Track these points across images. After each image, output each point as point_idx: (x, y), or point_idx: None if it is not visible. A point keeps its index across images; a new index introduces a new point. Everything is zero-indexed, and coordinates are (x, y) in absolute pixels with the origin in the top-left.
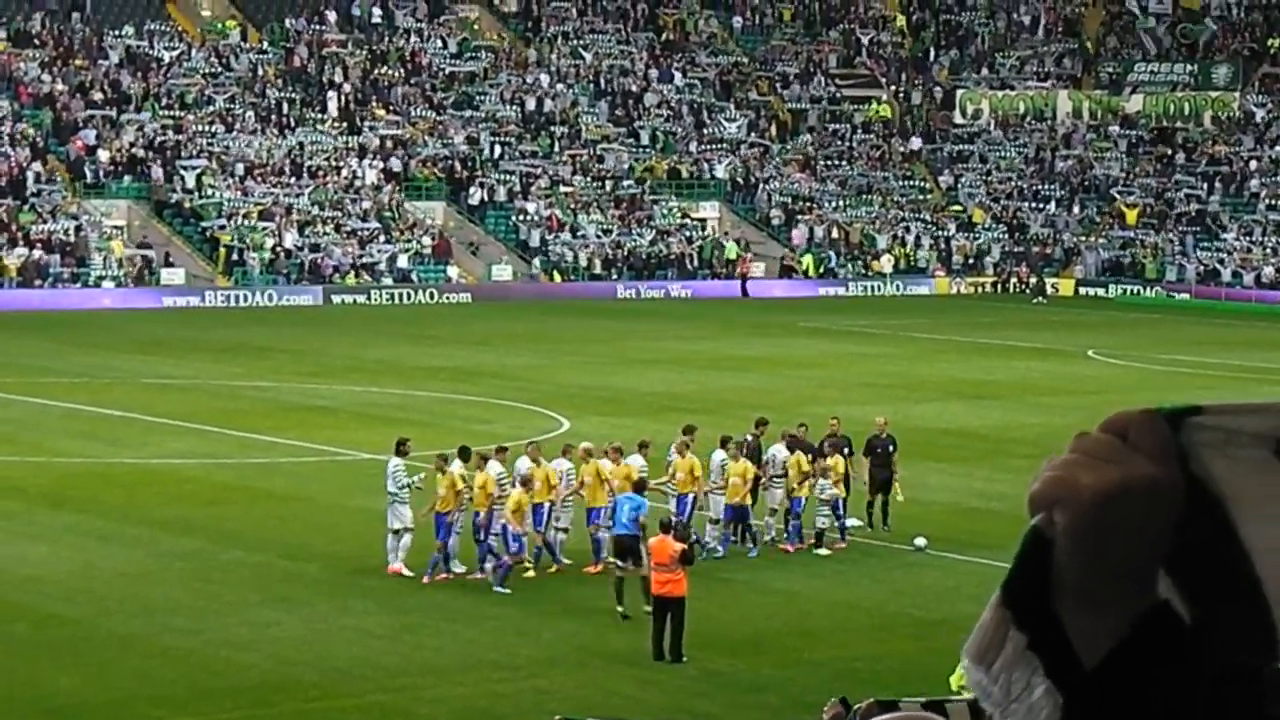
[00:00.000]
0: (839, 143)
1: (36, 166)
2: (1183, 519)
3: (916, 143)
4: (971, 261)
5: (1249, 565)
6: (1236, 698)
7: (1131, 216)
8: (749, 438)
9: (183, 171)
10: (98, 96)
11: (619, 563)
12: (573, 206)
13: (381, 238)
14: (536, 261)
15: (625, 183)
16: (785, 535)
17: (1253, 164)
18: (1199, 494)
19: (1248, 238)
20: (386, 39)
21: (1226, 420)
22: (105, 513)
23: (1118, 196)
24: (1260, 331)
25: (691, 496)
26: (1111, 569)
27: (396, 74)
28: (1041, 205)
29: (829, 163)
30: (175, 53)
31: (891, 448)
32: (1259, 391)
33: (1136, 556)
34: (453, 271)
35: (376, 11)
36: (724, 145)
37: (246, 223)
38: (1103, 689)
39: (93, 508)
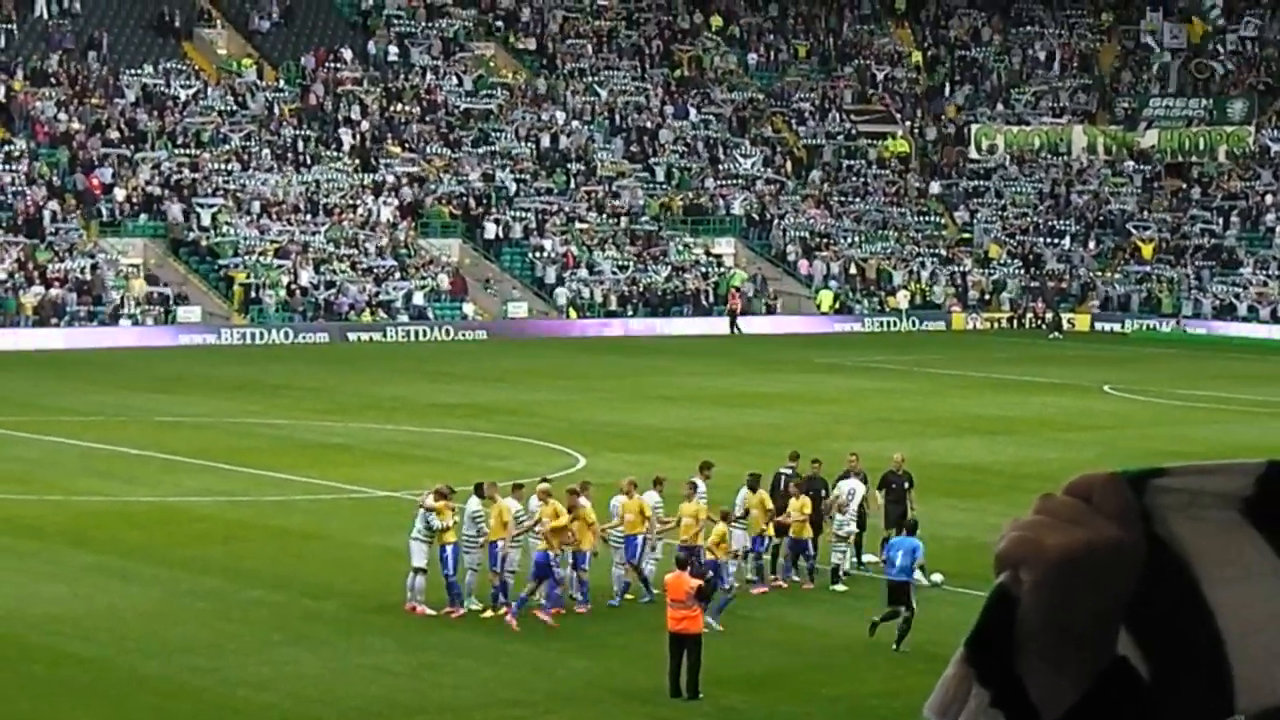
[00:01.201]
0: (854, 178)
1: (53, 205)
2: (1146, 580)
3: (936, 187)
4: (987, 297)
5: (1212, 624)
6: None
7: (1147, 251)
8: (788, 471)
9: (199, 209)
10: (114, 135)
11: (893, 609)
12: (588, 243)
13: (397, 275)
14: (561, 293)
15: (641, 219)
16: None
17: (1268, 198)
18: (1162, 555)
19: (1263, 272)
20: (402, 77)
21: (1190, 481)
22: (123, 551)
23: (1133, 231)
24: (1276, 366)
25: (641, 538)
26: (1074, 628)
27: (412, 111)
28: (1057, 240)
29: (844, 199)
30: (191, 91)
31: (907, 484)
32: (1275, 427)
33: (1099, 617)
34: (468, 308)
35: (392, 49)
36: (739, 181)
37: (262, 260)
38: None
39: (110, 546)
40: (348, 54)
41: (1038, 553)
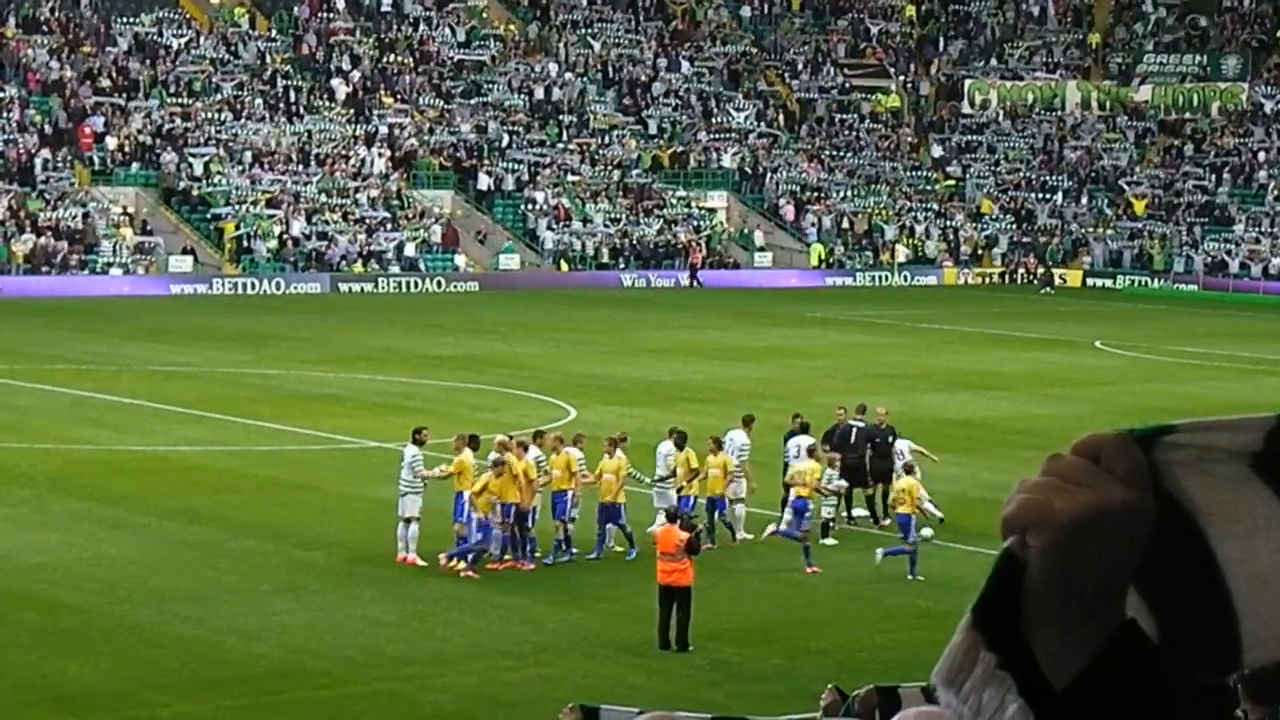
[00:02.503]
0: (847, 132)
1: (45, 153)
2: (1155, 538)
3: (938, 150)
4: (979, 252)
5: (1221, 580)
6: (1209, 715)
7: (1140, 207)
8: (859, 423)
9: (190, 159)
10: (106, 83)
11: None
12: (580, 195)
13: (389, 226)
14: (548, 236)
15: (633, 172)
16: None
17: (1261, 155)
18: (1172, 512)
19: (1256, 229)
20: (395, 27)
21: (1199, 437)
22: (114, 500)
23: (1126, 187)
24: (1268, 323)
25: (571, 494)
26: (1083, 592)
27: (405, 62)
28: (1049, 196)
29: (837, 153)
30: (184, 40)
31: (891, 438)
32: (1266, 384)
33: (1108, 580)
34: (460, 260)
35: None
36: (732, 134)
37: (254, 210)
38: (1074, 709)
39: (101, 495)
40: (340, 4)
41: (1046, 516)
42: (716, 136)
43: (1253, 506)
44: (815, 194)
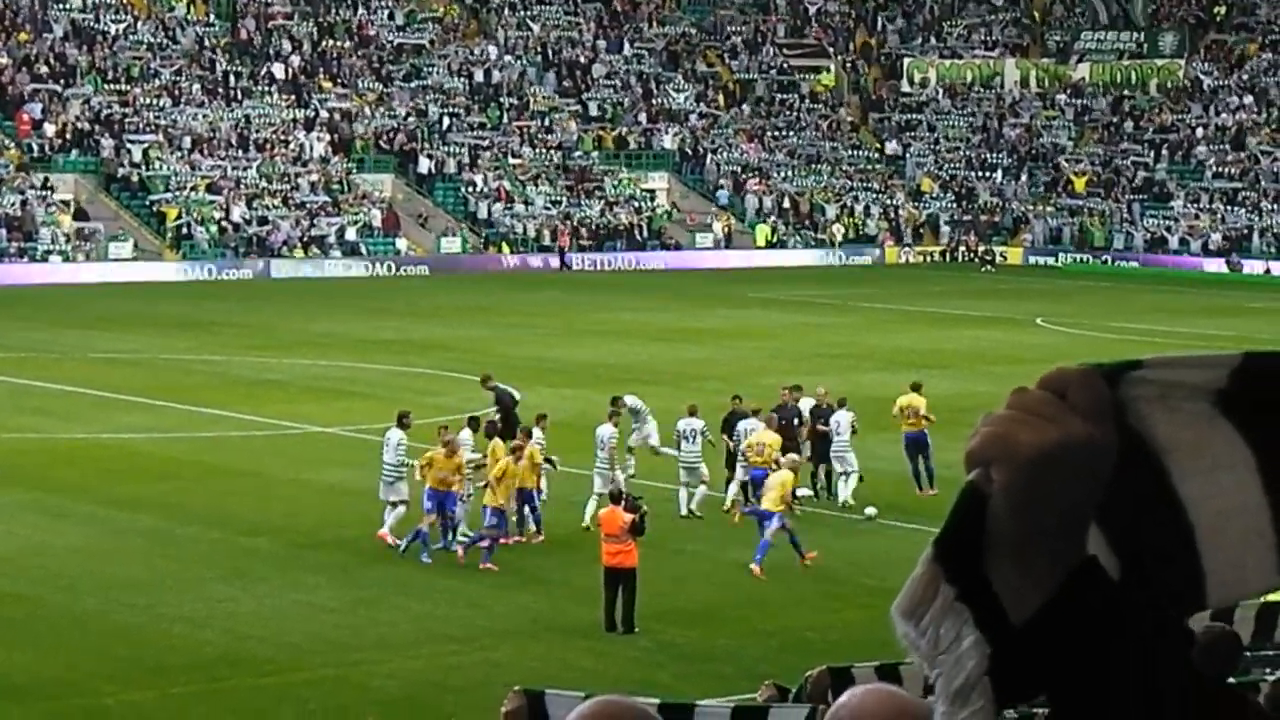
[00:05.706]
0: (787, 112)
1: None
2: (1118, 473)
3: (893, 146)
4: (920, 231)
5: (1183, 517)
6: (1166, 652)
7: (1079, 185)
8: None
9: (130, 145)
10: (43, 70)
11: None
12: (521, 178)
13: (329, 210)
14: (482, 203)
15: (574, 154)
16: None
17: (1199, 131)
18: (1136, 448)
19: (1194, 205)
20: (333, 10)
21: (1165, 373)
22: (57, 489)
23: (1065, 165)
24: (1207, 298)
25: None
26: (1044, 525)
27: (344, 46)
28: (989, 174)
29: (777, 132)
30: (121, 25)
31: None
32: None
33: (1070, 515)
34: (401, 244)
35: None
36: (672, 116)
37: (194, 196)
38: (1031, 642)
39: (44, 484)
40: None
41: (1010, 450)
42: (657, 118)
43: (1215, 444)
44: (755, 174)
